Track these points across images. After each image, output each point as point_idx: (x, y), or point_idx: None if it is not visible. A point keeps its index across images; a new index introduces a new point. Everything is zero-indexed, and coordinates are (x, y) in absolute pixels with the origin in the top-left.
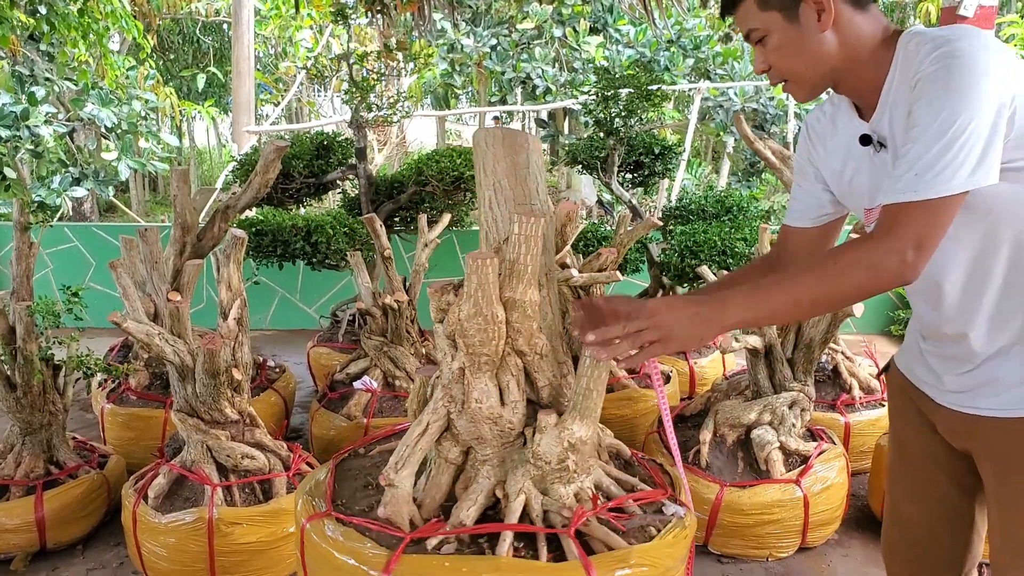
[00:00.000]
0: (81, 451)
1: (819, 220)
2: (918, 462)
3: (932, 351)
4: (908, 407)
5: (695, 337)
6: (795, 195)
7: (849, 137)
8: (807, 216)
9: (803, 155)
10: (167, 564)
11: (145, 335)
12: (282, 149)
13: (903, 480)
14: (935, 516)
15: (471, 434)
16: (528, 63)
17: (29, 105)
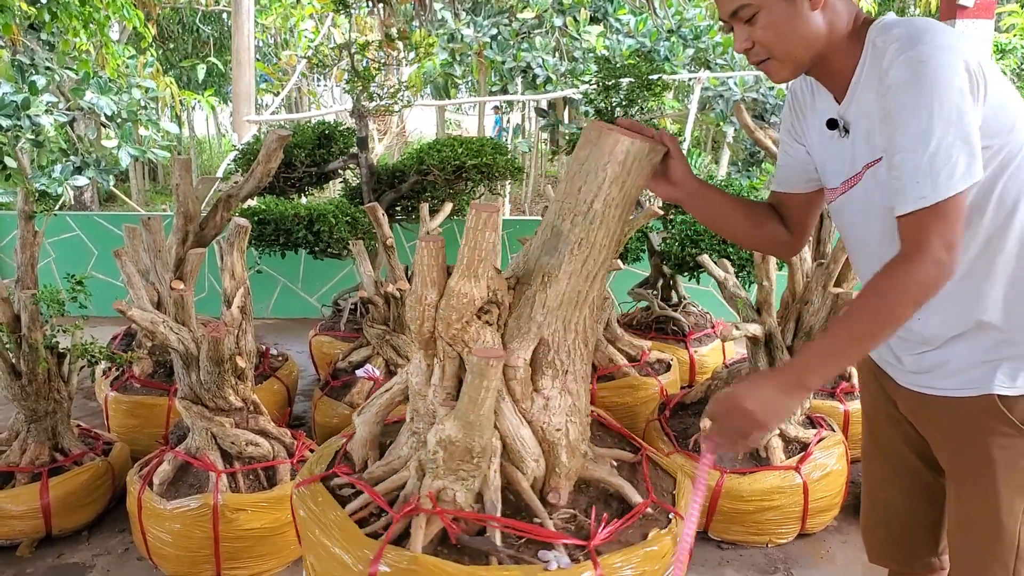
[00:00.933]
0: (85, 439)
1: (807, 186)
2: (889, 443)
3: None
4: (877, 390)
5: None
6: (781, 161)
7: (823, 116)
8: (795, 182)
9: (787, 121)
10: (172, 550)
11: (150, 323)
12: (284, 138)
13: (876, 461)
14: (908, 496)
15: (412, 404)
16: (528, 52)
17: (30, 94)
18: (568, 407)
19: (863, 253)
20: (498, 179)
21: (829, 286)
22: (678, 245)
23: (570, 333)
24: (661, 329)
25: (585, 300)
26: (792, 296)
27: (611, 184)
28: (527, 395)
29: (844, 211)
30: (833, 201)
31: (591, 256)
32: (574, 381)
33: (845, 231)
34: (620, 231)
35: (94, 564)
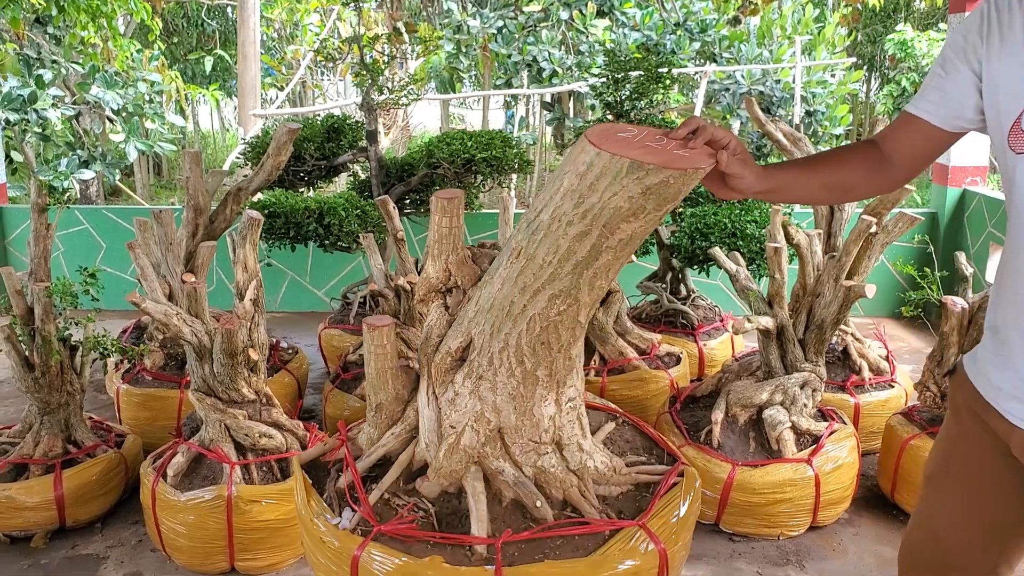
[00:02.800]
0: (98, 431)
1: (951, 124)
2: (969, 482)
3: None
4: (971, 419)
5: None
6: (936, 84)
7: None
8: (942, 113)
9: (966, 38)
10: (186, 541)
11: (164, 315)
12: (294, 131)
13: (944, 497)
14: (979, 541)
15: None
16: (534, 46)
17: (36, 88)
18: (475, 412)
19: None
20: (507, 172)
21: (841, 279)
22: (687, 238)
23: (497, 342)
24: (670, 322)
25: (521, 313)
26: (803, 289)
27: (563, 197)
28: (444, 383)
29: None
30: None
31: (528, 269)
32: (490, 391)
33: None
34: (584, 254)
35: (108, 555)
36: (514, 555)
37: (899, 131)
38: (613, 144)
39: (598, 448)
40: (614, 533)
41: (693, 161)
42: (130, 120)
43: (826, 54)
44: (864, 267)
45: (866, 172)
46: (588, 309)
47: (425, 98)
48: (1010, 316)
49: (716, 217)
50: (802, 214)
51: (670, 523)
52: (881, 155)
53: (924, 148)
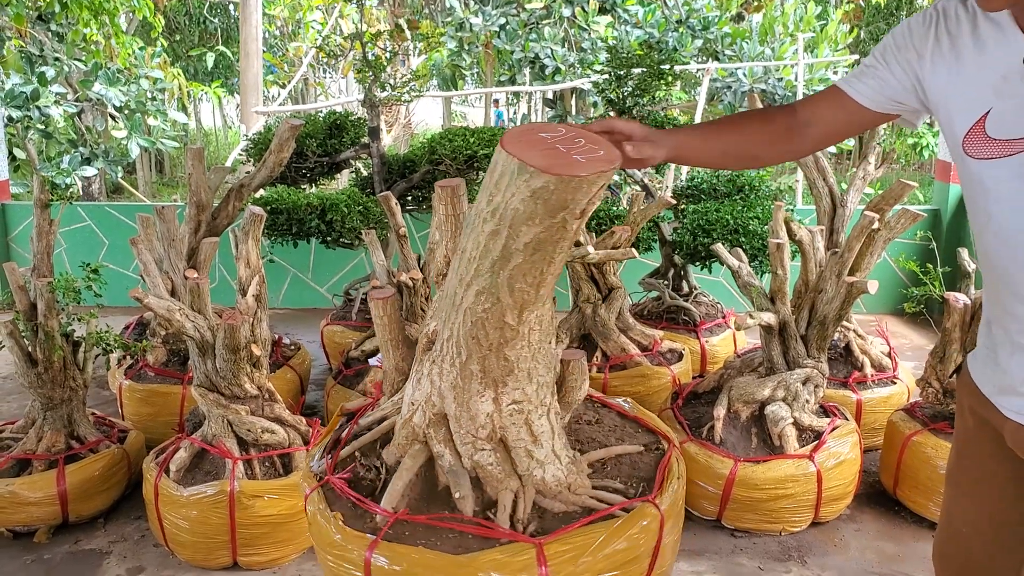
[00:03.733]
0: (101, 426)
1: (882, 106)
2: (980, 480)
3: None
4: (973, 417)
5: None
6: (872, 72)
7: (999, 56)
8: (877, 98)
9: (911, 39)
10: (189, 536)
11: (166, 311)
12: (296, 128)
13: (962, 495)
14: (992, 536)
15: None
16: (537, 43)
17: (39, 85)
18: (426, 394)
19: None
20: None
21: (843, 275)
22: (690, 235)
23: (445, 330)
24: (672, 319)
25: (460, 305)
26: (805, 285)
27: (480, 193)
28: (419, 361)
29: (1012, 177)
30: (992, 159)
31: (460, 262)
32: (439, 377)
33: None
34: (498, 253)
35: (111, 550)
36: (404, 533)
37: (824, 105)
38: (522, 143)
39: (558, 461)
40: (497, 545)
41: (576, 168)
42: (132, 117)
43: (829, 52)
44: (866, 263)
45: (768, 142)
46: (516, 312)
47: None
48: (995, 314)
49: (718, 213)
50: (805, 211)
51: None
52: (793, 123)
53: (844, 125)
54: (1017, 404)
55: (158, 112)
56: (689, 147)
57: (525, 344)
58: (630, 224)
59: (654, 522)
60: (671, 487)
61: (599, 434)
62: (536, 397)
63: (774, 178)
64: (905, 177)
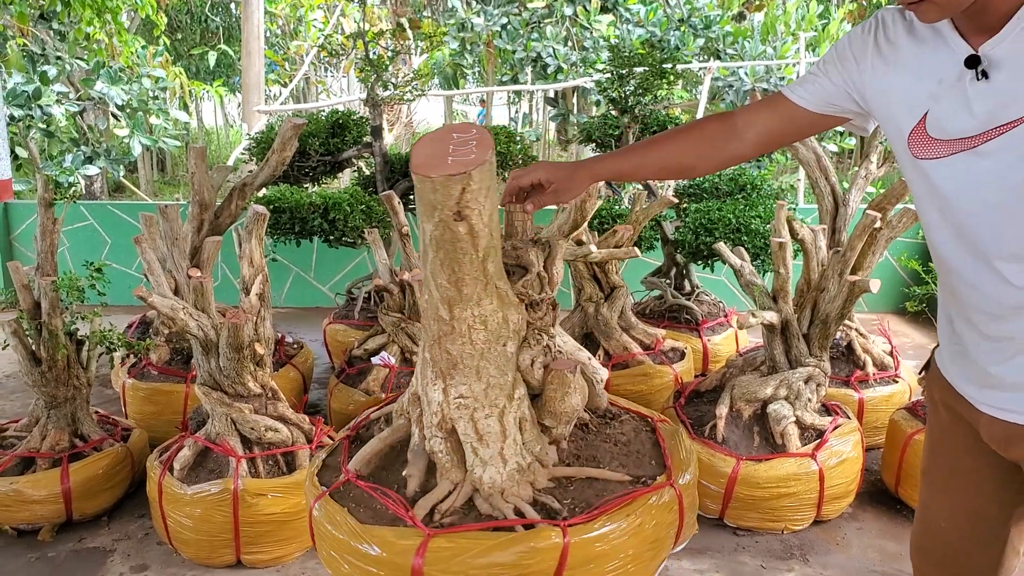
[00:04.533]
0: (104, 425)
1: (820, 108)
2: (955, 474)
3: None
4: (949, 417)
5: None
6: (812, 79)
7: (936, 62)
8: (811, 99)
9: (851, 48)
10: (192, 534)
11: (170, 310)
12: (299, 127)
13: (938, 491)
14: (969, 531)
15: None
16: (539, 42)
17: (41, 84)
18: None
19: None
20: (511, 168)
21: (845, 274)
22: (692, 234)
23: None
24: (674, 318)
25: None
26: (808, 284)
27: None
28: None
29: (955, 175)
30: (936, 159)
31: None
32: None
33: (949, 201)
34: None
35: (115, 548)
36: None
37: (762, 109)
38: (433, 141)
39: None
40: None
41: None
42: (134, 116)
43: None
44: (868, 262)
45: (703, 151)
46: (446, 307)
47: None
48: (955, 309)
49: (720, 212)
50: (807, 210)
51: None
52: (731, 131)
53: (782, 127)
54: (991, 397)
55: (160, 111)
56: (626, 171)
57: (466, 341)
58: (632, 223)
59: (554, 551)
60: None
61: (600, 451)
62: (485, 397)
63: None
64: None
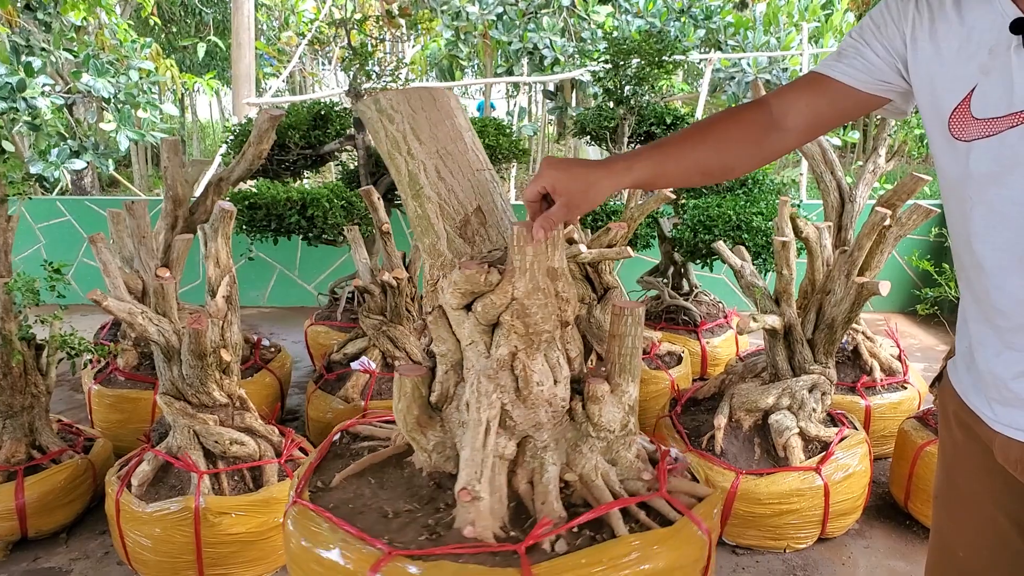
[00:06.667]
0: (66, 435)
1: (871, 88)
2: (973, 498)
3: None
4: (962, 434)
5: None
6: (854, 52)
7: (984, 28)
8: (861, 77)
9: (893, 11)
10: (152, 555)
11: (127, 314)
12: (276, 119)
13: (954, 517)
14: (990, 560)
15: (529, 422)
16: (535, 33)
17: (25, 76)
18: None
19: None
20: (501, 161)
21: (852, 275)
22: (690, 231)
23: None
24: (672, 319)
25: None
26: (812, 286)
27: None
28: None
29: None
30: (976, 139)
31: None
32: None
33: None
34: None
35: (71, 569)
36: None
37: (801, 93)
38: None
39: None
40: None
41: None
42: (122, 109)
43: (834, 42)
44: (877, 262)
45: (745, 148)
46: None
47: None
48: (974, 313)
49: (720, 209)
50: (811, 205)
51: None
52: (770, 121)
53: (828, 112)
54: (1008, 415)
55: (148, 104)
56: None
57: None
58: (627, 220)
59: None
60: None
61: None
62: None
63: (777, 171)
64: (913, 170)
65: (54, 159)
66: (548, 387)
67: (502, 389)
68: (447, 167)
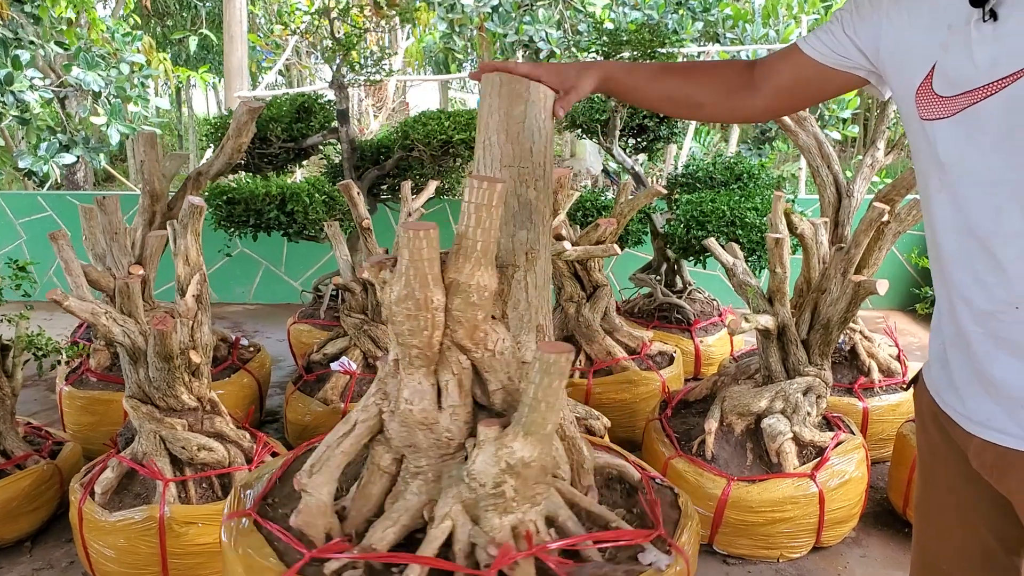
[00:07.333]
0: (33, 438)
1: (833, 62)
2: (953, 509)
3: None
4: (939, 437)
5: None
6: (827, 28)
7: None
8: (824, 51)
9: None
10: (116, 566)
11: (90, 314)
12: (256, 111)
13: (934, 527)
14: (979, 567)
15: (403, 440)
16: (531, 25)
17: (13, 69)
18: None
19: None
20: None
21: (849, 273)
22: (683, 227)
23: (549, 314)
24: (664, 317)
25: (548, 280)
26: (807, 284)
27: (551, 141)
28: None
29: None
30: (940, 118)
31: (551, 222)
32: None
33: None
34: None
35: None
36: None
37: (779, 60)
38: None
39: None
40: None
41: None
42: (113, 103)
43: None
44: (875, 259)
45: (718, 93)
46: None
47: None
48: (948, 304)
49: (714, 204)
50: (807, 201)
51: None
52: (748, 80)
53: (795, 82)
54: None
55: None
56: (630, 87)
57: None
58: (616, 216)
59: None
60: None
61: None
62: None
63: (777, 165)
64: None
65: (43, 153)
66: (419, 408)
67: (385, 396)
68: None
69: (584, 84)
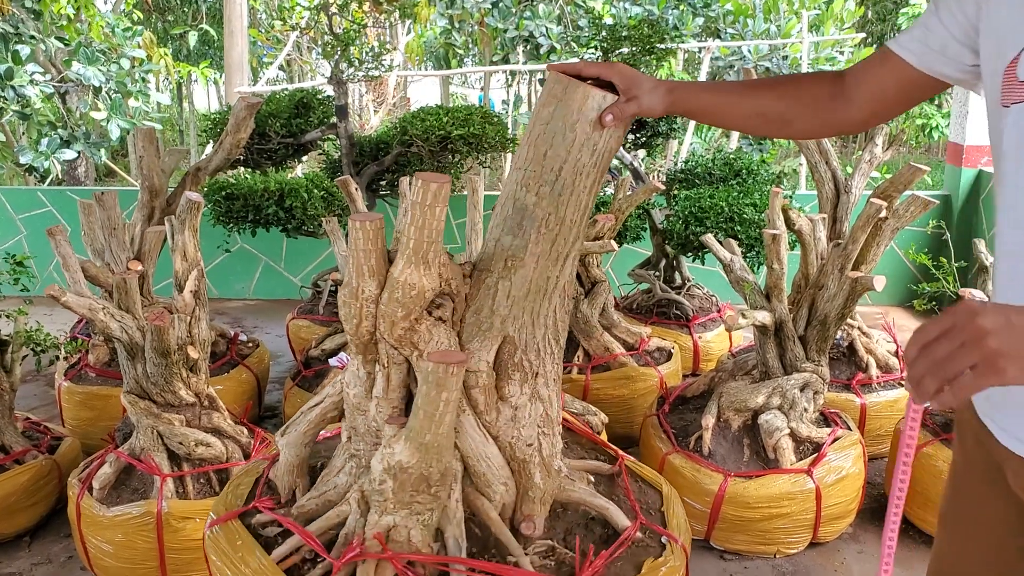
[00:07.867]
0: (32, 434)
1: (929, 63)
2: (982, 523)
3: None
4: (976, 450)
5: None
6: (921, 22)
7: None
8: (920, 50)
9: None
10: (114, 561)
11: (88, 310)
12: (254, 106)
13: (959, 541)
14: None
15: (349, 421)
16: (531, 20)
17: (13, 64)
18: (540, 416)
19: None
20: (488, 151)
21: (847, 269)
22: (681, 223)
23: (539, 328)
24: (663, 313)
25: (555, 287)
26: (805, 280)
27: (581, 148)
28: (491, 405)
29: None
30: (1016, 103)
31: (561, 235)
32: (545, 385)
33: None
34: (591, 204)
35: (33, 574)
36: None
37: (871, 66)
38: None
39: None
40: None
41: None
42: (113, 98)
43: (835, 30)
44: (872, 255)
45: (809, 107)
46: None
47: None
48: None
49: (712, 200)
50: (806, 197)
51: None
52: (839, 90)
53: (892, 90)
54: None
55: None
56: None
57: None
58: (615, 212)
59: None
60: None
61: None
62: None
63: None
64: (913, 160)
65: (44, 148)
66: (354, 393)
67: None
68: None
69: (650, 98)
